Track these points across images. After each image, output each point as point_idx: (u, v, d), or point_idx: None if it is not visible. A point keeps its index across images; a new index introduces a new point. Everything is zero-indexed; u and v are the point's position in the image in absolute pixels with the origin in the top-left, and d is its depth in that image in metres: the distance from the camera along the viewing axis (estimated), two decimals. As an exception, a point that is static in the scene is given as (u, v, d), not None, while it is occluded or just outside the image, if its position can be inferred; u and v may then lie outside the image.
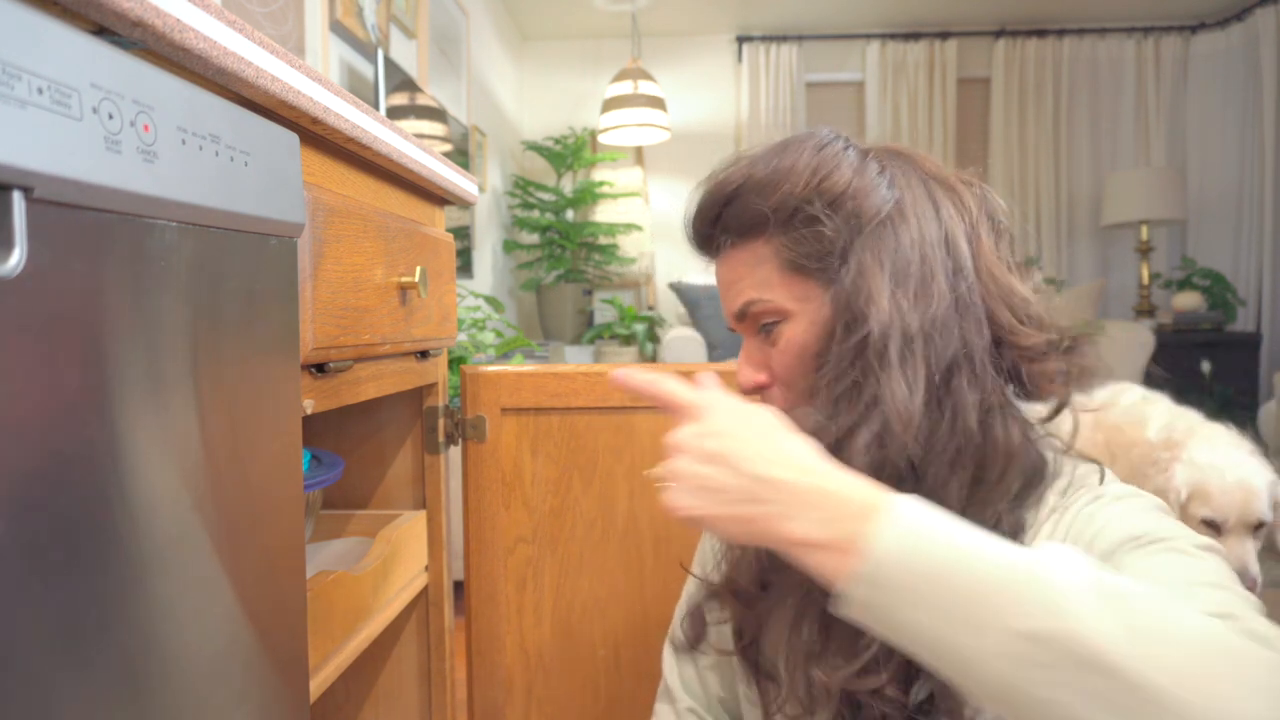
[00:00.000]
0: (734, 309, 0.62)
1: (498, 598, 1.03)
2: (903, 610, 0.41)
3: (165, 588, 0.40)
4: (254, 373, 0.48)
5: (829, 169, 0.59)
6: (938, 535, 0.42)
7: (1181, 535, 0.51)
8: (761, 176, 0.60)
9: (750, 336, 0.63)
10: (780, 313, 0.60)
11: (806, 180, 0.59)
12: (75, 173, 0.32)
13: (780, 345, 0.60)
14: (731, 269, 0.63)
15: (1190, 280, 4.07)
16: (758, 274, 0.60)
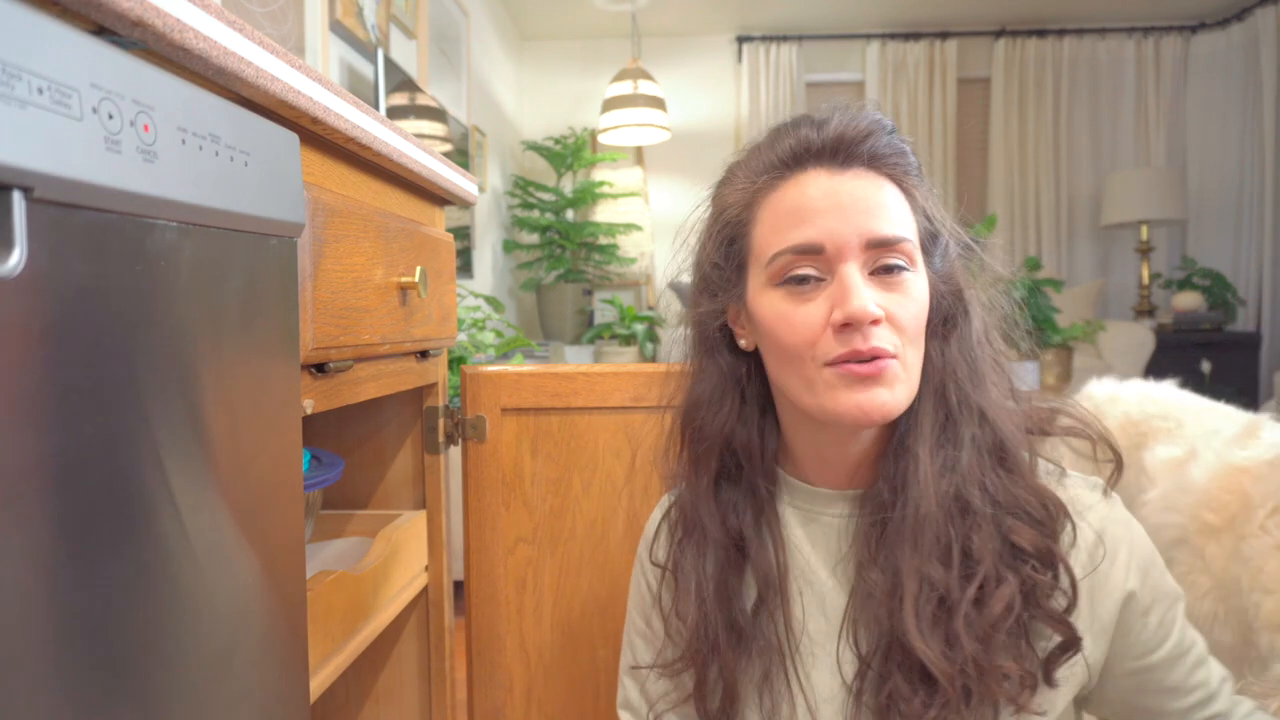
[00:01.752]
0: (879, 235, 0.57)
1: (498, 598, 1.03)
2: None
3: (165, 587, 0.40)
4: (254, 373, 0.48)
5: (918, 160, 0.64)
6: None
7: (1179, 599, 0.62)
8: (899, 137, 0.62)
9: (861, 270, 0.57)
10: (915, 263, 0.59)
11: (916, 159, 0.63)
12: (75, 173, 0.32)
13: (911, 294, 0.58)
14: (874, 193, 0.58)
15: (1190, 280, 4.07)
16: (903, 216, 0.59)
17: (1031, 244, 4.44)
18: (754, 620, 0.64)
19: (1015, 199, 4.44)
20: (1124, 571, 0.59)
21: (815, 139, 0.59)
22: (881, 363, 0.56)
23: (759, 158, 0.62)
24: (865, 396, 0.56)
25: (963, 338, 0.62)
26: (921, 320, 0.58)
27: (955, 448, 0.59)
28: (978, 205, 4.55)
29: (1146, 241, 4.21)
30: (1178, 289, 4.09)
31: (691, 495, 0.67)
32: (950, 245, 0.63)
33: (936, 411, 0.61)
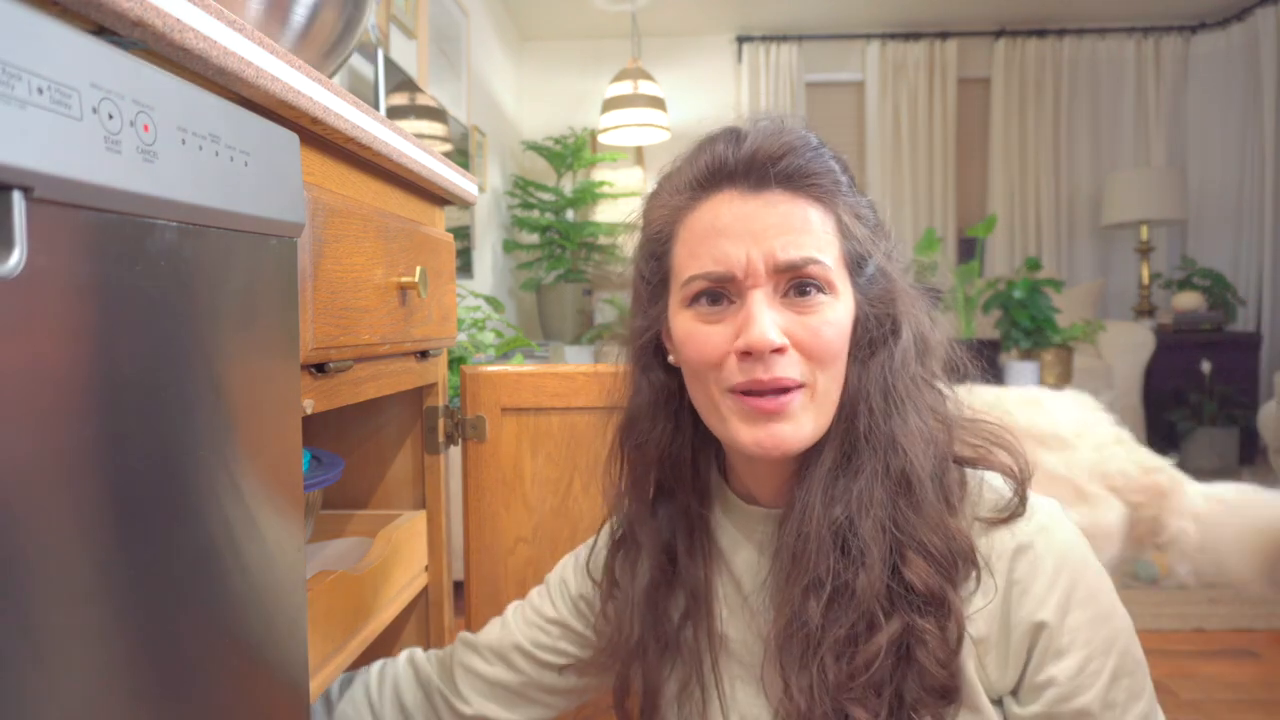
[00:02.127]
0: (789, 258, 0.55)
1: (498, 598, 1.03)
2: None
3: (165, 588, 0.40)
4: (254, 373, 0.48)
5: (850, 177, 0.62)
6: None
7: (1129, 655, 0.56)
8: (834, 151, 0.60)
9: (770, 294, 0.56)
10: (829, 286, 0.56)
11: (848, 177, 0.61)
12: (75, 173, 0.32)
13: (825, 318, 0.56)
14: (787, 215, 0.56)
15: (1190, 280, 4.07)
16: (821, 238, 0.57)
17: (1031, 244, 4.44)
18: (679, 631, 0.65)
19: (1015, 199, 4.45)
20: (1039, 598, 0.54)
21: (730, 159, 0.58)
22: (784, 397, 0.55)
23: (681, 174, 0.62)
24: (765, 432, 0.56)
25: (883, 362, 0.59)
26: (836, 346, 0.56)
27: (852, 477, 0.56)
28: (978, 205, 4.55)
29: (1146, 241, 4.21)
30: (1178, 289, 4.09)
31: (630, 510, 0.68)
32: (884, 264, 0.60)
33: (843, 439, 0.58)
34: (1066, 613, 0.54)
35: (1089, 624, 0.54)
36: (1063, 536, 0.56)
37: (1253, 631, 2.01)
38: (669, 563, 0.65)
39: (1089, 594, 0.55)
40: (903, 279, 0.62)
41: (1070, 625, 0.54)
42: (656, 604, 0.65)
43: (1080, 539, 0.57)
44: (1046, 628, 0.54)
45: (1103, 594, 0.56)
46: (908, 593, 0.54)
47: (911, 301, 0.61)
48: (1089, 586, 0.55)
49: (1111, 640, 0.55)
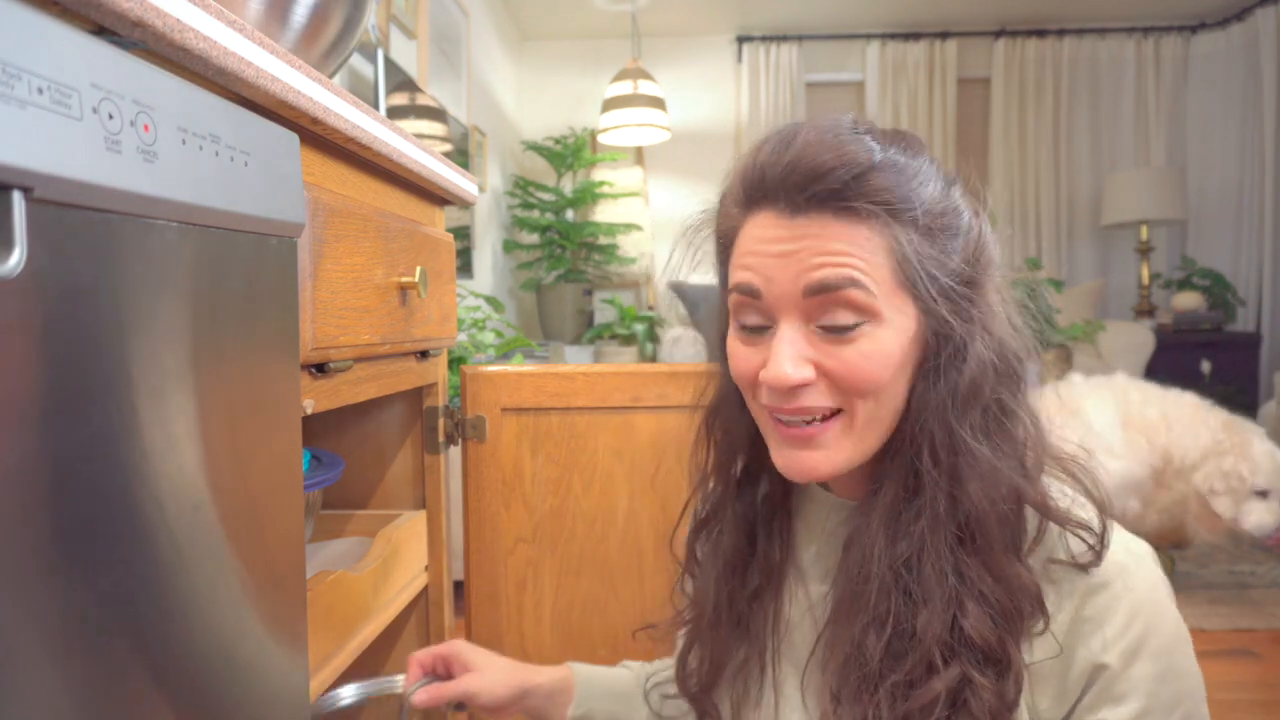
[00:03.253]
0: (819, 279, 0.51)
1: (498, 598, 1.03)
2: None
3: (165, 588, 0.40)
4: (254, 373, 0.48)
5: (956, 189, 0.57)
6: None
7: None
8: (897, 159, 0.53)
9: (801, 325, 0.53)
10: (872, 313, 0.52)
11: (943, 187, 0.55)
12: (75, 173, 0.32)
13: (861, 348, 0.52)
14: (827, 238, 0.52)
15: (1190, 280, 4.07)
16: (870, 260, 0.52)
17: (1031, 244, 4.44)
18: (749, 607, 0.66)
19: (1015, 199, 4.44)
20: (1106, 641, 0.52)
21: (768, 176, 0.54)
22: (813, 428, 0.54)
23: (735, 180, 0.59)
24: (795, 458, 0.55)
25: (953, 388, 0.54)
26: (874, 379, 0.53)
27: (914, 516, 0.54)
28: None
29: (1146, 241, 4.21)
30: (1178, 289, 4.09)
31: (715, 491, 0.69)
32: (960, 279, 0.54)
33: (906, 470, 0.55)
34: (1133, 661, 0.51)
35: (1155, 677, 0.51)
36: (1144, 581, 0.53)
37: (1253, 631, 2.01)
38: (748, 543, 0.66)
39: (1161, 647, 0.52)
40: (989, 293, 0.56)
41: (1134, 675, 0.51)
42: (732, 580, 0.66)
43: (1163, 588, 0.54)
44: (1107, 670, 0.51)
45: (1177, 649, 0.53)
46: (966, 644, 0.52)
47: (993, 318, 0.56)
48: (1163, 639, 0.52)
49: (1176, 699, 0.52)
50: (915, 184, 0.53)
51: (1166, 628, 0.53)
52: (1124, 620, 0.52)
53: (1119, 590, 0.52)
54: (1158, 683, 0.51)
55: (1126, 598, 0.52)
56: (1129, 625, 0.52)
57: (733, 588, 0.66)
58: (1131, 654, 0.51)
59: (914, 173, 0.54)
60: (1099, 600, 0.52)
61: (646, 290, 4.38)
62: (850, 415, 0.54)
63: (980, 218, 0.58)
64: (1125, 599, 0.52)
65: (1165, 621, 0.53)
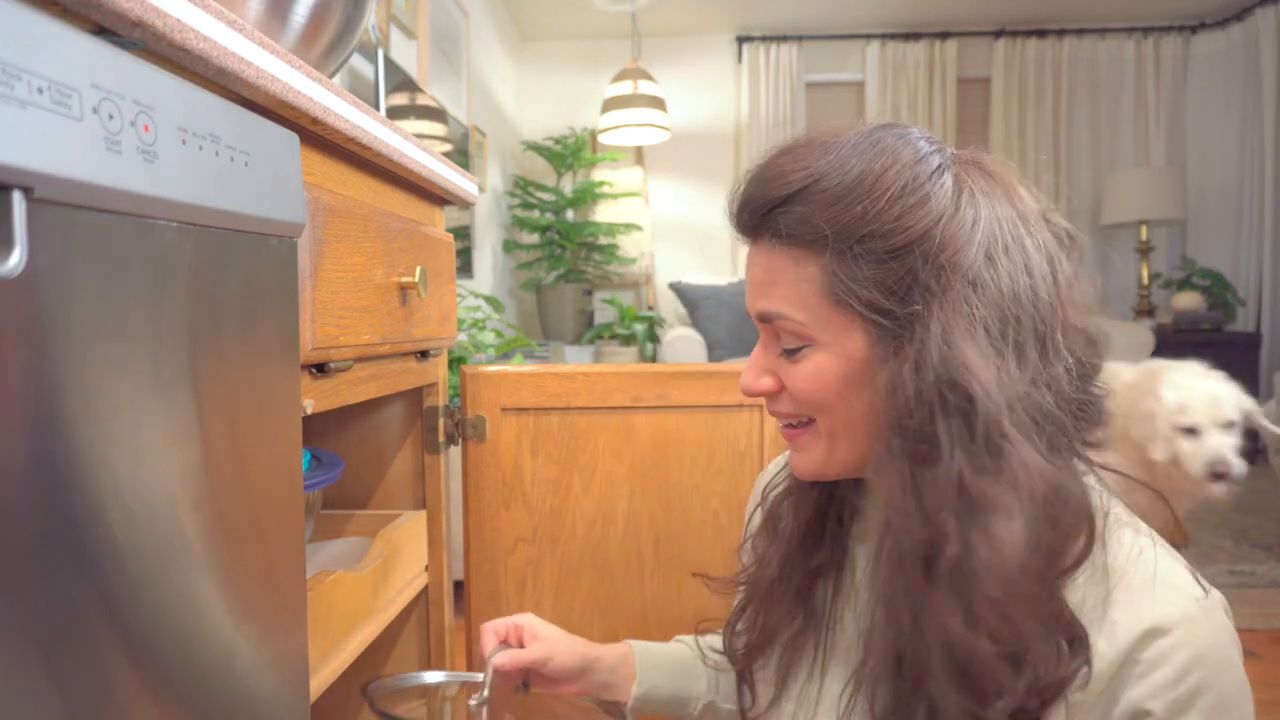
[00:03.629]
0: (758, 310, 0.57)
1: (498, 598, 1.03)
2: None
3: (165, 588, 0.40)
4: (254, 373, 0.48)
5: (917, 199, 0.51)
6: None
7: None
8: (835, 185, 0.52)
9: (766, 338, 0.59)
10: (806, 339, 0.54)
11: (888, 206, 0.51)
12: (75, 173, 0.32)
13: (802, 369, 0.55)
14: (767, 268, 0.55)
15: (1190, 280, 4.07)
16: (796, 289, 0.54)
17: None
18: (811, 579, 0.66)
19: (1015, 199, 4.44)
20: (1155, 687, 0.47)
21: (731, 210, 0.59)
22: (791, 431, 0.59)
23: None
24: (790, 456, 0.61)
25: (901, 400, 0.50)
26: (819, 394, 0.55)
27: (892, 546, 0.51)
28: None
29: (1146, 241, 4.21)
30: (1178, 289, 4.09)
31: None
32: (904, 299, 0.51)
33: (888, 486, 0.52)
34: (1179, 715, 0.47)
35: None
36: (1210, 634, 0.48)
37: (1253, 631, 2.01)
38: (818, 518, 0.67)
39: (1217, 705, 0.47)
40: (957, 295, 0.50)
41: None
42: (800, 551, 0.66)
43: (1229, 641, 0.49)
44: (1150, 718, 0.47)
45: (1233, 712, 0.48)
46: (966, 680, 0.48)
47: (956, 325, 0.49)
48: (1220, 697, 0.47)
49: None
50: (856, 208, 0.51)
51: (1228, 686, 0.48)
52: (1180, 670, 0.47)
53: (1179, 639, 0.48)
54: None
55: (1186, 648, 0.48)
56: (1184, 676, 0.47)
57: (799, 558, 0.66)
58: (1181, 707, 0.47)
59: (854, 189, 0.52)
60: (1158, 645, 0.48)
61: (646, 290, 4.38)
62: (816, 424, 0.58)
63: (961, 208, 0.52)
64: (1186, 649, 0.48)
65: (1228, 679, 0.48)
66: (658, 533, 1.02)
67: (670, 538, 1.02)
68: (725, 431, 1.02)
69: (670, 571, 1.02)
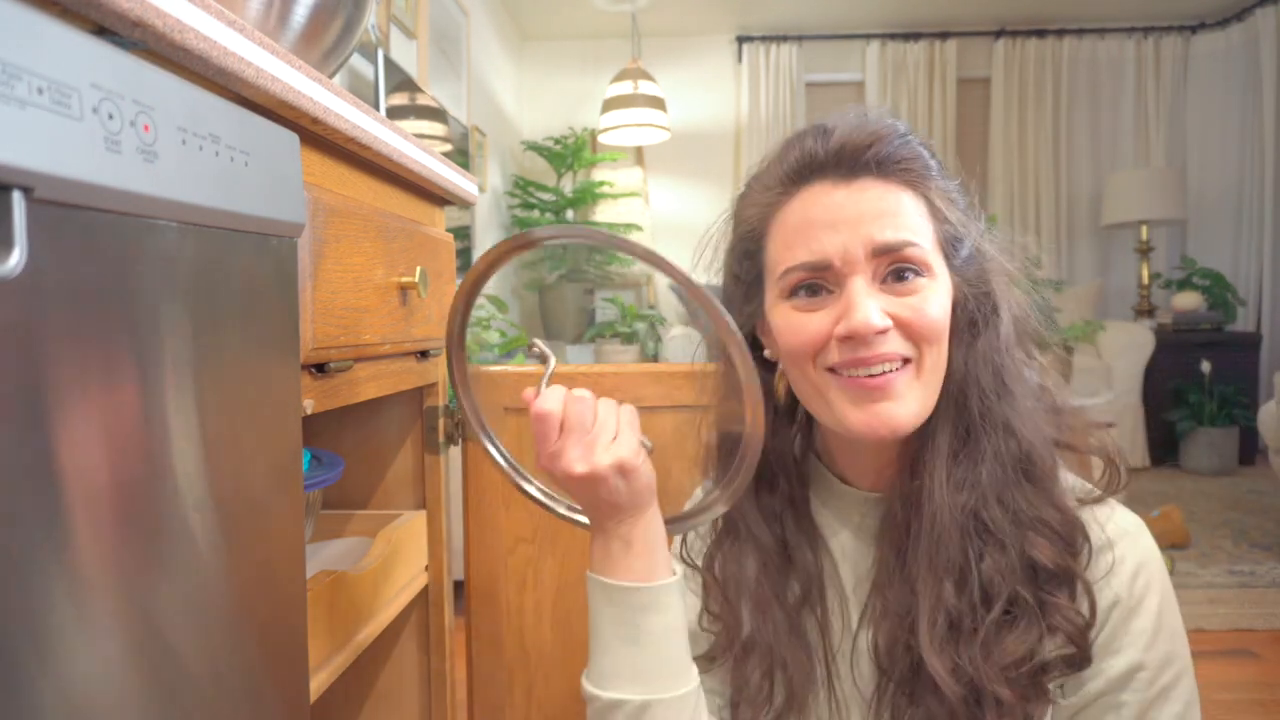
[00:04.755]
0: (883, 241, 0.56)
1: (498, 598, 1.03)
2: None
3: (165, 587, 0.40)
4: (254, 373, 0.48)
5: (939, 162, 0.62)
6: None
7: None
8: (917, 139, 0.60)
9: (869, 280, 0.57)
10: (927, 267, 0.57)
11: (936, 162, 0.61)
12: (75, 173, 0.32)
13: (925, 297, 0.57)
14: (878, 201, 0.57)
15: (1190, 280, 4.07)
16: (914, 221, 0.58)
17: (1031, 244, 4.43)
18: (798, 615, 0.65)
19: (1015, 199, 4.44)
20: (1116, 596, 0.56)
21: (819, 151, 0.59)
22: (887, 376, 0.56)
23: (770, 172, 0.63)
24: (873, 413, 0.57)
25: (989, 343, 0.60)
26: (939, 325, 0.57)
27: (975, 463, 0.58)
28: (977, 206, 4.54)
29: (1146, 241, 4.21)
30: (1178, 289, 4.09)
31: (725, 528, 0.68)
32: (979, 247, 0.61)
33: (956, 424, 0.59)
34: (1132, 617, 0.55)
35: (1152, 633, 0.55)
36: (1145, 544, 0.58)
37: (1253, 631, 2.01)
38: (779, 551, 0.66)
39: (1160, 606, 0.56)
40: (999, 260, 0.62)
41: (1133, 629, 0.55)
42: (770, 593, 0.65)
43: (1160, 557, 0.58)
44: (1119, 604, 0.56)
45: (1172, 611, 0.57)
46: (1039, 573, 0.56)
47: (1009, 283, 0.62)
48: (1161, 599, 0.56)
49: (1169, 658, 0.56)
50: (931, 159, 0.60)
51: (1164, 589, 0.57)
52: (1129, 577, 0.56)
53: (1124, 550, 0.57)
54: (1154, 638, 0.55)
55: (1131, 557, 0.57)
56: (1133, 582, 0.56)
57: (773, 603, 0.64)
58: (1131, 611, 0.55)
59: (930, 153, 0.61)
60: (1105, 559, 0.57)
61: (647, 289, 4.38)
62: (919, 363, 0.57)
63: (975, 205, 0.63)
64: (1130, 558, 0.57)
65: (1163, 583, 0.57)
66: (658, 533, 1.02)
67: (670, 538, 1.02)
68: (725, 431, 1.02)
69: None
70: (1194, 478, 3.61)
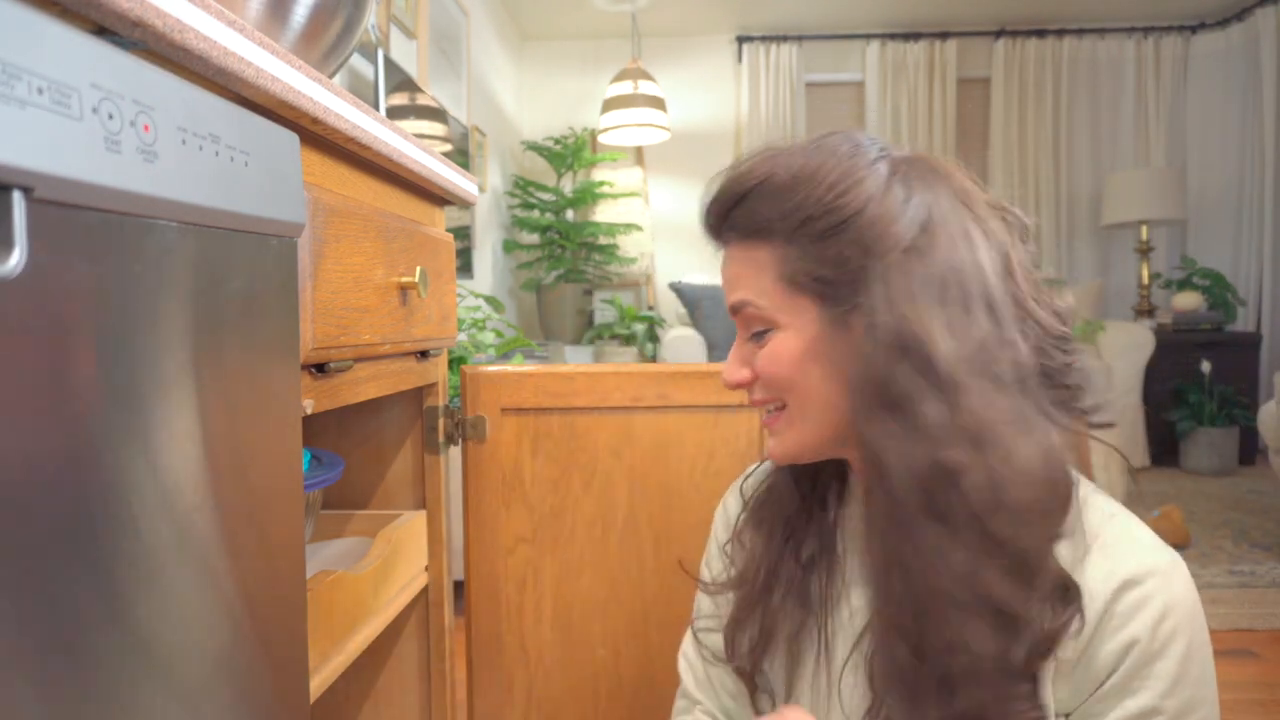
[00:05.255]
0: (730, 303, 0.63)
1: (498, 598, 1.03)
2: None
3: (165, 587, 0.40)
4: (254, 373, 0.48)
5: (851, 183, 0.55)
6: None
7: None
8: (781, 180, 0.57)
9: (742, 333, 0.63)
10: (770, 322, 0.60)
11: (825, 192, 0.56)
12: (75, 173, 0.32)
13: (765, 351, 0.60)
14: (733, 266, 0.62)
15: (1190, 280, 4.07)
16: (756, 279, 0.60)
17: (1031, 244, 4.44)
18: (804, 572, 0.67)
19: (1015, 199, 4.44)
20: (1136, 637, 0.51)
21: (704, 223, 0.65)
22: (769, 419, 0.63)
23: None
24: (769, 444, 0.64)
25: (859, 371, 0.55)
26: (784, 373, 0.59)
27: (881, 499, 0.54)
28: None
29: (1146, 241, 4.21)
30: (1178, 289, 4.08)
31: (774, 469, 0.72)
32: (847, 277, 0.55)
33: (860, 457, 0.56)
34: (1155, 659, 0.52)
35: (1175, 678, 0.52)
36: (1179, 584, 0.53)
37: (1253, 631, 2.01)
38: (804, 509, 0.68)
39: (1188, 651, 0.52)
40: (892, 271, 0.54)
41: (1155, 671, 0.52)
42: (787, 546, 0.67)
43: (1197, 599, 0.54)
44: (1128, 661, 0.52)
45: (1200, 656, 0.53)
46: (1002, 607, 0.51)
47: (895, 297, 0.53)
48: (1191, 643, 0.52)
49: (1190, 706, 0.52)
50: (797, 197, 0.57)
51: (1196, 634, 0.53)
52: (1155, 617, 0.52)
53: (1152, 590, 0.52)
54: (1174, 685, 0.51)
55: (1160, 596, 0.52)
56: (1159, 623, 0.52)
57: (789, 554, 0.67)
58: (1153, 655, 0.51)
59: (796, 181, 0.57)
60: (1130, 597, 0.52)
61: (646, 290, 4.38)
62: (788, 408, 0.61)
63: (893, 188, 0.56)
64: (1159, 597, 0.52)
65: (1196, 627, 0.53)
66: (657, 533, 1.02)
67: (670, 538, 1.02)
68: (725, 432, 1.02)
69: (670, 571, 1.02)
70: (1194, 478, 3.60)
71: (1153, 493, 3.26)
